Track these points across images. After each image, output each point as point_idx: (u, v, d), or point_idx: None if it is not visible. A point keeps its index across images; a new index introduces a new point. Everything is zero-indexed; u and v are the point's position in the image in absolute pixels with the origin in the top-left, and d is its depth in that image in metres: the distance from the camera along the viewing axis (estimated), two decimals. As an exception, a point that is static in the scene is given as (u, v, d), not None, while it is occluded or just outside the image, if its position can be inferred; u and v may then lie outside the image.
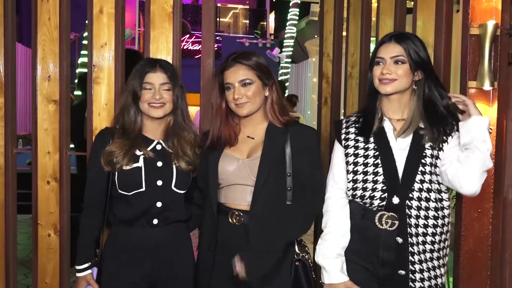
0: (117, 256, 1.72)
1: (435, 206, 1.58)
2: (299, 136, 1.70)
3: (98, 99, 2.07)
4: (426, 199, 1.57)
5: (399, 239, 1.58)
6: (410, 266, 1.58)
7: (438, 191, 1.59)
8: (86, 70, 2.11)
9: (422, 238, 1.57)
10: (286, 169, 1.67)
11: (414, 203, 1.57)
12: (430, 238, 1.58)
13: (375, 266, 1.61)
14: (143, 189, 1.69)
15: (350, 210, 1.66)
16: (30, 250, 2.49)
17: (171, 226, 1.75)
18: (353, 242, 1.64)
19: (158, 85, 1.70)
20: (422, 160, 1.58)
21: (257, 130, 1.73)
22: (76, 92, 6.43)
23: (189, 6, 13.09)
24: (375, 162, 1.61)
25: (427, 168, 1.57)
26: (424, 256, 1.58)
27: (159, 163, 1.72)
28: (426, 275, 1.58)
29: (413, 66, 1.58)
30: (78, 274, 1.73)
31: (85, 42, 6.30)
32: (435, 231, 1.58)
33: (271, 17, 14.76)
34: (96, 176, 1.73)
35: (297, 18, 9.08)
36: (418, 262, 1.58)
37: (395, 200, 1.58)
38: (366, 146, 1.64)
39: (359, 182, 1.62)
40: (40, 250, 2.10)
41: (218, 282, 1.70)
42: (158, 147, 1.75)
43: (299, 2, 8.79)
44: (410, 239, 1.57)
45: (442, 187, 1.61)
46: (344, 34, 2.84)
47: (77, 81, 6.24)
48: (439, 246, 1.60)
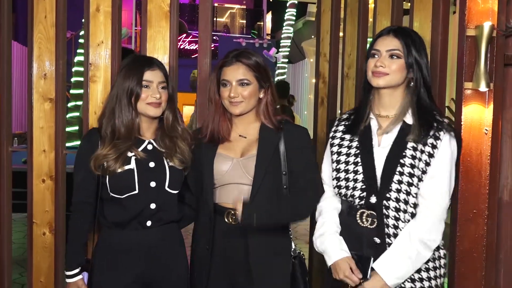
0: (108, 259, 1.68)
1: (412, 211, 1.56)
2: (292, 135, 1.71)
3: (94, 98, 2.07)
4: (404, 201, 1.55)
5: (377, 239, 1.57)
6: None
7: (416, 195, 1.56)
8: (82, 69, 2.11)
9: None
10: (282, 168, 1.67)
11: (392, 204, 1.55)
12: None
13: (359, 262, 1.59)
14: (136, 191, 1.65)
15: (342, 206, 1.67)
16: (25, 249, 2.48)
17: (165, 227, 1.72)
18: (345, 238, 1.64)
19: (157, 83, 1.67)
20: (401, 160, 1.56)
21: (249, 129, 1.73)
22: (72, 91, 6.43)
23: (186, 5, 13.07)
24: (355, 160, 1.61)
25: (406, 169, 1.55)
26: None
27: (152, 164, 1.68)
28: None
29: (408, 63, 1.56)
30: (68, 280, 1.67)
31: (81, 40, 6.29)
32: None
33: (268, 17, 14.75)
34: (84, 179, 1.67)
35: (294, 18, 9.09)
36: None
37: (373, 199, 1.57)
38: (350, 144, 1.64)
39: (342, 180, 1.63)
40: (35, 248, 2.10)
41: (215, 282, 1.70)
42: (149, 147, 1.70)
43: (296, 2, 8.79)
44: (388, 239, 1.56)
45: None
46: (341, 34, 2.84)
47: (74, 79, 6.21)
48: None
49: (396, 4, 2.42)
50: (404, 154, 1.56)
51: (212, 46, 2.20)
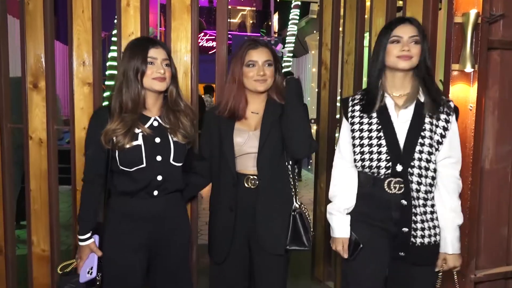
0: (118, 224, 1.62)
1: (433, 175, 1.55)
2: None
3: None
4: (425, 168, 1.54)
5: (404, 201, 1.56)
6: (413, 225, 1.56)
7: (435, 163, 1.56)
8: (115, 63, 2.09)
9: (423, 202, 1.56)
10: (281, 135, 1.69)
11: (416, 171, 1.54)
12: (430, 202, 1.56)
13: (389, 225, 1.59)
14: (144, 165, 1.58)
15: (361, 180, 1.63)
16: (70, 216, 2.50)
17: (169, 195, 1.66)
18: (369, 208, 1.61)
19: (161, 60, 1.58)
20: (422, 132, 1.54)
21: (261, 107, 1.73)
22: (107, 82, 6.44)
23: (204, 8, 12.94)
24: (378, 135, 1.57)
25: (426, 140, 1.54)
26: (425, 216, 1.56)
27: (157, 139, 1.61)
28: (426, 233, 1.56)
29: (423, 48, 1.54)
30: (81, 243, 1.61)
31: (114, 39, 6.28)
32: (432, 196, 1.58)
33: (275, 17, 14.56)
34: (95, 153, 1.60)
35: (298, 18, 8.95)
36: (420, 222, 1.56)
37: (399, 168, 1.54)
38: (370, 121, 1.59)
39: (366, 154, 1.58)
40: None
41: (238, 239, 1.71)
42: (155, 124, 1.63)
43: (300, 3, 8.65)
44: (413, 202, 1.55)
45: None
46: (340, 29, 2.79)
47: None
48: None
49: (390, 1, 2.37)
50: (423, 128, 1.55)
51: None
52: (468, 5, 1.94)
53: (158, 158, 1.61)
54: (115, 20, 2.07)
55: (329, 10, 2.83)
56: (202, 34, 12.15)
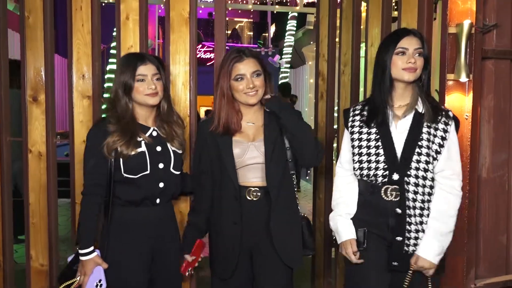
0: (122, 234, 1.64)
1: (431, 184, 1.56)
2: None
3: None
4: (423, 178, 1.55)
5: (398, 210, 1.57)
6: (407, 234, 1.57)
7: (433, 172, 1.57)
8: (114, 76, 2.10)
9: (419, 211, 1.56)
10: (285, 144, 1.70)
11: (412, 180, 1.55)
12: (426, 212, 1.57)
13: (385, 232, 1.60)
14: (148, 171, 1.63)
15: (361, 188, 1.65)
16: (69, 229, 2.49)
17: (168, 204, 1.74)
18: (368, 215, 1.62)
19: (151, 75, 1.64)
20: (419, 142, 1.56)
21: (256, 117, 1.72)
22: (105, 95, 6.47)
23: (201, 20, 13.06)
24: (377, 144, 1.59)
25: (423, 150, 1.55)
26: (421, 226, 1.57)
27: (159, 148, 1.68)
28: (419, 242, 1.57)
29: (426, 60, 1.57)
30: (84, 258, 1.59)
31: (112, 51, 6.32)
32: (430, 206, 1.57)
33: (272, 28, 14.69)
34: (96, 164, 1.62)
35: (294, 29, 9.03)
36: (414, 231, 1.57)
37: (395, 176, 1.56)
38: (369, 131, 1.62)
39: (364, 163, 1.61)
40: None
41: (243, 253, 1.70)
42: (154, 134, 1.69)
43: (297, 14, 8.73)
44: (408, 211, 1.56)
45: None
46: (337, 40, 2.83)
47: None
48: None
49: (385, 12, 2.40)
50: (421, 137, 1.56)
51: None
52: (461, 15, 1.97)
53: (160, 166, 1.67)
54: (114, 33, 2.09)
55: (325, 21, 2.86)
56: (200, 46, 12.25)
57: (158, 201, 1.67)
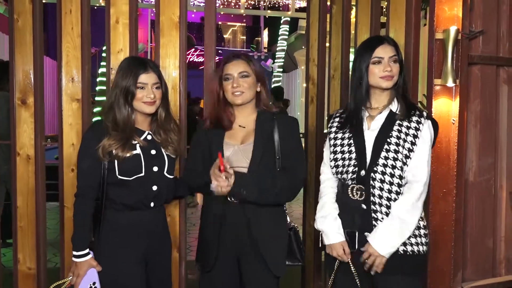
0: (116, 237, 1.64)
1: (398, 182, 1.58)
2: (285, 125, 1.73)
3: (115, 98, 2.06)
4: (390, 174, 1.58)
5: (364, 206, 1.61)
6: (374, 229, 1.60)
7: (401, 169, 1.59)
8: (105, 79, 2.10)
9: (385, 209, 1.59)
10: (276, 152, 1.68)
11: (378, 176, 1.58)
12: None
13: (355, 230, 1.63)
14: (143, 174, 1.64)
15: (338, 187, 1.70)
16: (58, 233, 2.48)
17: (161, 207, 1.75)
18: (341, 213, 1.67)
19: (151, 84, 1.64)
20: (388, 139, 1.60)
21: (248, 120, 1.74)
22: (97, 98, 6.45)
23: (194, 24, 13.08)
24: (349, 143, 1.66)
25: (392, 146, 1.59)
26: None
27: (153, 151, 1.68)
28: None
29: (401, 65, 1.63)
30: (79, 260, 1.60)
31: (104, 54, 6.30)
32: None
33: (265, 33, 14.74)
34: (90, 166, 1.62)
35: (287, 33, 9.09)
36: None
37: (362, 172, 1.60)
38: (344, 130, 1.69)
39: (339, 161, 1.67)
40: (67, 231, 2.07)
41: (224, 247, 1.70)
42: (149, 137, 1.70)
43: (289, 19, 8.79)
44: (373, 206, 1.59)
45: None
46: (327, 45, 2.85)
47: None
48: None
49: (374, 17, 2.43)
50: (390, 134, 1.60)
51: (216, 58, 2.19)
52: (448, 22, 2.00)
53: (155, 169, 1.67)
54: (105, 31, 2.09)
55: (315, 26, 2.88)
56: (193, 49, 12.26)
57: (152, 204, 1.68)
